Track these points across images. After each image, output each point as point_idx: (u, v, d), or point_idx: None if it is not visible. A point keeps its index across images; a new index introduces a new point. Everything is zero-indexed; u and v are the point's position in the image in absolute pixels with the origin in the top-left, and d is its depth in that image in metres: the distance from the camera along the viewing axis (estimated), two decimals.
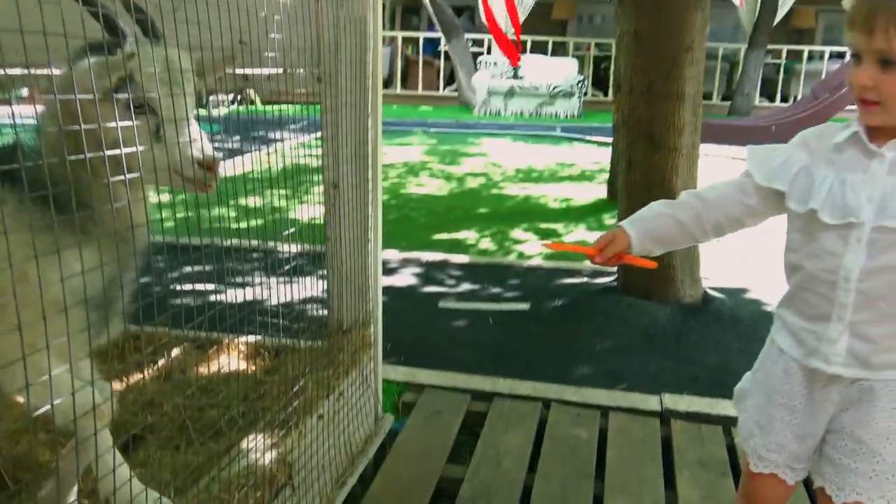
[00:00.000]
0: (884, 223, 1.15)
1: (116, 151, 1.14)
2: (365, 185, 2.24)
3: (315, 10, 2.03)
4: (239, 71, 2.07)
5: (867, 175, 1.18)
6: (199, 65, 1.41)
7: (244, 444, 1.67)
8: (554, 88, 13.30)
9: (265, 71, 2.11)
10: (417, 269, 4.28)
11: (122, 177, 1.14)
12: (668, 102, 3.23)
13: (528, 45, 14.83)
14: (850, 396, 1.27)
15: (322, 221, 2.24)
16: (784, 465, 1.37)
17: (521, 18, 15.10)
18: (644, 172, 3.36)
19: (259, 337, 2.47)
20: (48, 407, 1.04)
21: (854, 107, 1.23)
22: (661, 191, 3.33)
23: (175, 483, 1.60)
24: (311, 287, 2.19)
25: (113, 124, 1.18)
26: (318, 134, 2.17)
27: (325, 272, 2.26)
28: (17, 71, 1.13)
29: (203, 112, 1.51)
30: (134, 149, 1.20)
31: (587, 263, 4.42)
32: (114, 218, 1.23)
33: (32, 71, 1.09)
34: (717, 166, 6.45)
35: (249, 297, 1.85)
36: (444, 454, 2.34)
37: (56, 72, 1.24)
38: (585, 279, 4.09)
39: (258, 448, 1.67)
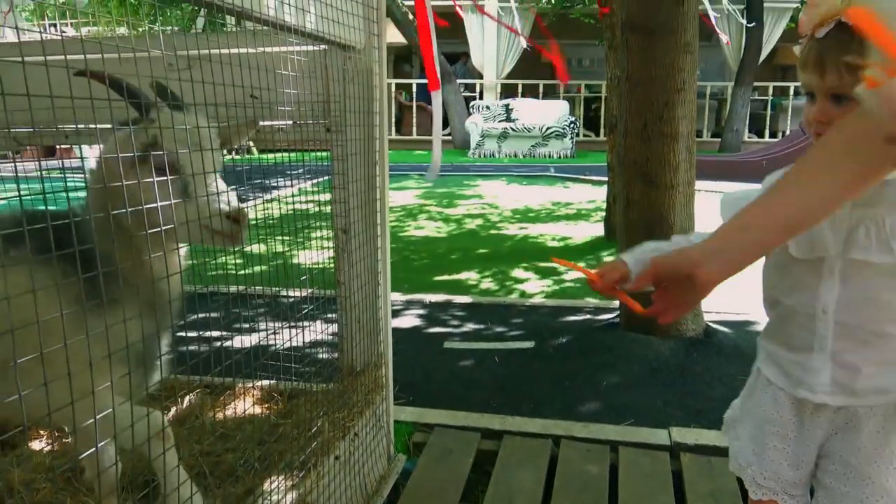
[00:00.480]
0: (851, 255, 1.20)
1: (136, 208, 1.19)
2: (374, 229, 2.30)
3: (323, 64, 2.12)
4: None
5: None
6: (224, 134, 1.49)
7: (265, 486, 1.70)
8: (546, 130, 13.53)
9: (277, 123, 2.20)
10: (421, 311, 4.33)
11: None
12: (663, 142, 3.33)
13: (520, 89, 15.14)
14: (837, 423, 1.32)
15: (332, 266, 2.30)
16: (782, 491, 1.40)
17: (511, 65, 15.47)
18: (642, 210, 3.44)
19: (272, 381, 2.51)
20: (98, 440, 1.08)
21: None
22: (659, 228, 3.41)
23: None
24: (321, 331, 2.25)
25: (135, 182, 1.30)
26: (323, 178, 2.22)
27: (336, 316, 2.31)
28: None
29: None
30: (159, 204, 1.29)
31: (589, 300, 4.49)
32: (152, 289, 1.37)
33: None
34: (712, 202, 6.53)
35: (259, 341, 1.89)
36: (458, 493, 2.36)
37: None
38: (588, 316, 4.13)
39: (279, 490, 1.70)
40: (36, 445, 2.20)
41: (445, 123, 15.77)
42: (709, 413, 2.87)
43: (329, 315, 2.32)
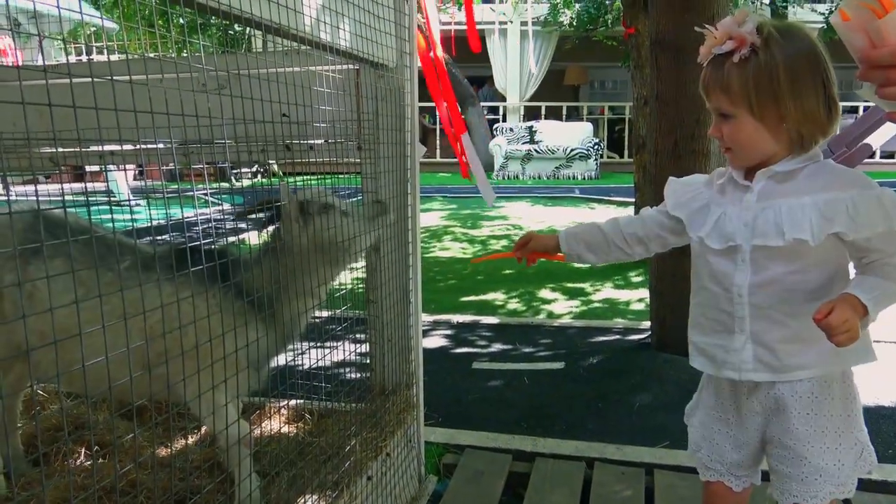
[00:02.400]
0: (756, 242, 1.35)
1: None
2: (405, 248, 2.29)
3: (356, 83, 2.13)
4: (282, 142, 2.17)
5: (742, 205, 1.38)
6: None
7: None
8: (571, 151, 13.51)
9: (309, 141, 2.21)
10: (448, 331, 4.30)
11: None
12: (695, 160, 3.30)
13: (543, 111, 15.17)
14: (768, 406, 1.45)
15: (360, 286, 2.29)
16: (728, 472, 1.55)
17: (533, 88, 15.52)
18: None
19: (301, 401, 2.49)
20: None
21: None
22: (690, 247, 3.36)
23: None
24: (350, 350, 2.23)
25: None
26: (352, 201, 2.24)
27: (366, 335, 2.30)
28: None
29: (225, 185, 1.76)
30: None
31: (618, 321, 4.44)
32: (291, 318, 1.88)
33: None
34: None
35: (287, 361, 1.92)
36: None
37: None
38: (617, 336, 4.08)
39: None
40: (71, 464, 2.20)
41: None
42: None
43: (358, 335, 2.31)
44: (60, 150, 2.44)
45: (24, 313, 1.04)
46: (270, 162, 2.40)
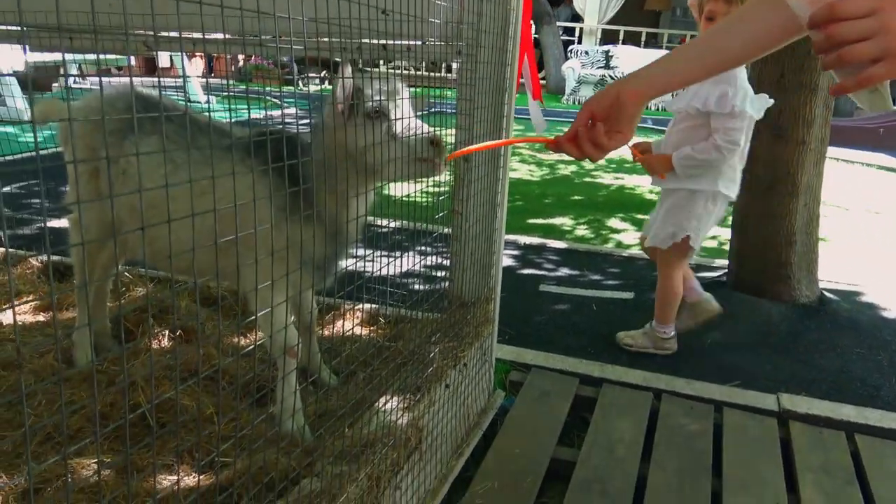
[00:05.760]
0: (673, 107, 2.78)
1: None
2: (497, 160, 2.23)
3: None
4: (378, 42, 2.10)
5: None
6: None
7: (379, 403, 1.70)
8: None
9: (405, 42, 2.12)
10: (515, 252, 4.26)
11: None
12: (800, 94, 3.10)
13: (621, 36, 14.54)
14: (663, 197, 2.87)
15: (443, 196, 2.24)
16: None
17: (613, 11, 14.82)
18: (767, 165, 3.24)
19: (376, 306, 2.51)
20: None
21: None
22: (783, 185, 3.21)
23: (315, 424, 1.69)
24: (430, 261, 2.21)
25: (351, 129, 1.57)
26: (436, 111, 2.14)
27: (449, 246, 2.26)
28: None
29: (290, 89, 1.67)
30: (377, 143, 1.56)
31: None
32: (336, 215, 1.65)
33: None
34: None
35: (363, 266, 1.85)
36: (555, 436, 2.33)
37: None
38: None
39: (393, 409, 1.70)
40: (155, 345, 2.28)
41: (540, 67, 15.35)
42: (821, 384, 2.73)
43: (439, 245, 2.28)
44: (144, 33, 2.41)
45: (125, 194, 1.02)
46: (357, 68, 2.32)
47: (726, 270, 3.64)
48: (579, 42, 14.95)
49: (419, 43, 2.07)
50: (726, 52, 1.10)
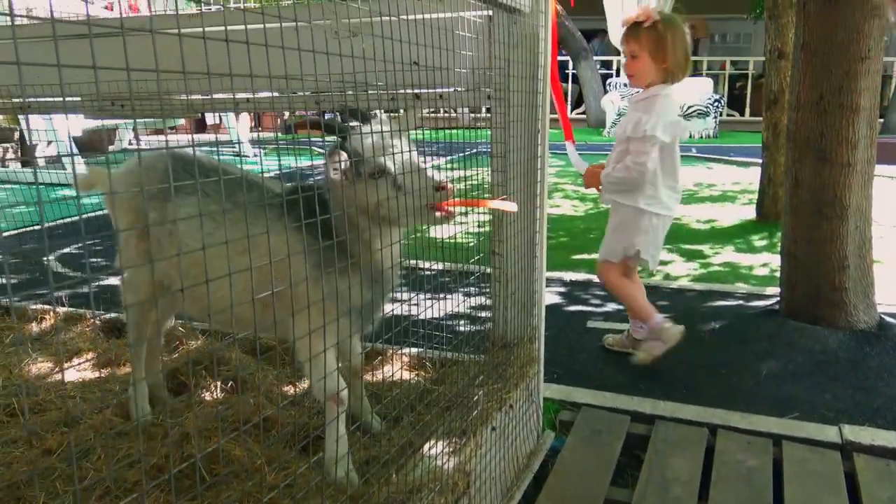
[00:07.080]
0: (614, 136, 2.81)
1: None
2: (533, 199, 2.24)
3: (488, 28, 2.07)
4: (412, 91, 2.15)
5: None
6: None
7: (424, 449, 1.70)
8: (688, 108, 12.89)
9: (438, 90, 2.18)
10: (561, 289, 4.24)
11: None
12: (842, 115, 3.04)
13: None
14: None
15: (483, 238, 2.26)
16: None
17: None
18: (813, 190, 3.18)
19: (421, 349, 2.52)
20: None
21: None
22: (831, 209, 3.14)
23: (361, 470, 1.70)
24: (471, 303, 2.22)
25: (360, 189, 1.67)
26: (472, 153, 2.17)
27: (489, 287, 2.28)
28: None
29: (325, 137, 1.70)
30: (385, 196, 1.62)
31: (739, 285, 4.24)
32: (370, 262, 1.74)
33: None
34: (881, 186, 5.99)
35: (409, 311, 1.89)
36: (608, 475, 2.28)
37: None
38: (740, 302, 3.90)
39: (438, 454, 1.70)
40: (207, 396, 2.33)
41: (579, 102, 15.40)
42: (885, 413, 2.62)
43: (481, 286, 2.29)
44: (192, 96, 2.52)
45: (178, 251, 1.07)
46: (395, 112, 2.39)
47: (778, 298, 3.55)
48: (617, 75, 14.98)
49: (451, 90, 2.12)
50: None
